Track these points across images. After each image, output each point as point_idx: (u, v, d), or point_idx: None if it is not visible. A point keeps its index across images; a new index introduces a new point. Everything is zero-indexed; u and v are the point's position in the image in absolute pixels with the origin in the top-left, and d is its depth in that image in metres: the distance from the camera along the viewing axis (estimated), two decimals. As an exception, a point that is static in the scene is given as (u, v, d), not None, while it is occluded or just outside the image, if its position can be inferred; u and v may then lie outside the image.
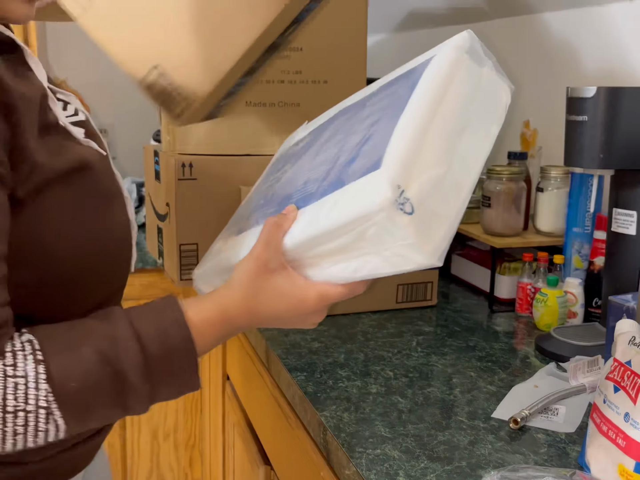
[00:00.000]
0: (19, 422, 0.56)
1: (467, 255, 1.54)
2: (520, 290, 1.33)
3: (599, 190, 1.30)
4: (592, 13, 1.46)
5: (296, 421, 1.06)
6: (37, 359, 0.57)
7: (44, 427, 0.57)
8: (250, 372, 1.35)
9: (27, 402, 0.56)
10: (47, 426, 0.57)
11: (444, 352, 1.14)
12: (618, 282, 1.12)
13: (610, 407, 0.71)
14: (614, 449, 0.70)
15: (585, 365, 1.03)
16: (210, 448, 1.78)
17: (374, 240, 0.63)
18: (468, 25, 1.92)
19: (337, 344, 1.17)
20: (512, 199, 1.35)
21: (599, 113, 1.05)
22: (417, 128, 0.65)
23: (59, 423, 0.58)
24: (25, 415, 0.56)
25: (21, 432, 0.56)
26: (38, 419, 0.57)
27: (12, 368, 0.56)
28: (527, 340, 1.21)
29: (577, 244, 1.32)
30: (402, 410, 0.93)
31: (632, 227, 1.10)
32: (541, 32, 1.62)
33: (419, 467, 0.79)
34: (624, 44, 1.37)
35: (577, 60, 1.51)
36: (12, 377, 0.55)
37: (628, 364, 0.71)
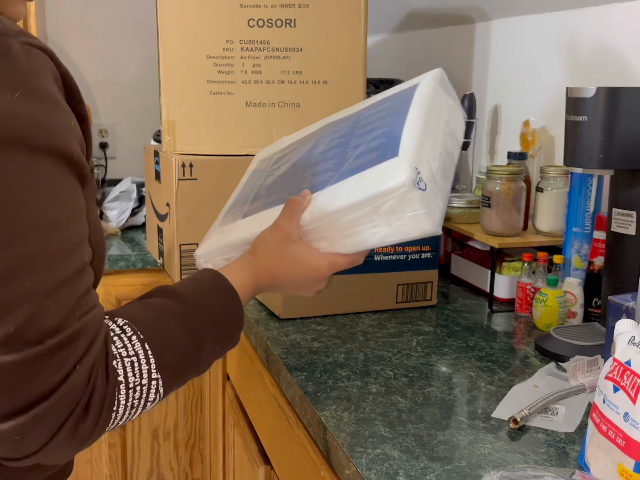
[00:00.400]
0: (136, 395, 0.62)
1: (466, 255, 1.54)
2: (519, 290, 1.34)
3: (599, 190, 1.31)
4: (591, 13, 1.46)
5: (296, 421, 1.06)
6: (140, 339, 0.63)
7: (154, 396, 0.64)
8: (250, 372, 1.35)
9: (142, 377, 0.62)
10: (155, 395, 0.64)
11: (443, 352, 1.15)
12: (618, 282, 1.12)
13: (610, 406, 0.71)
14: (613, 449, 0.70)
15: (585, 365, 1.03)
16: (210, 448, 1.78)
17: (387, 213, 0.77)
18: (468, 25, 1.93)
19: (337, 344, 1.17)
20: (511, 199, 1.36)
21: (598, 113, 1.05)
22: (420, 127, 0.82)
23: (161, 391, 0.65)
24: (141, 389, 0.63)
25: (136, 404, 0.63)
26: (150, 390, 0.63)
27: (124, 349, 0.62)
28: (526, 340, 1.22)
29: (577, 244, 1.32)
30: (402, 410, 0.93)
31: (632, 227, 1.10)
32: (541, 32, 1.62)
33: (419, 466, 0.79)
34: (624, 44, 1.37)
35: (577, 60, 1.51)
36: (127, 357, 0.62)
37: (628, 363, 0.71)
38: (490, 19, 1.82)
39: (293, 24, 1.52)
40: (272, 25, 1.51)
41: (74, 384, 0.57)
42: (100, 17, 2.37)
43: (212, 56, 1.50)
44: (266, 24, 1.51)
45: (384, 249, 1.33)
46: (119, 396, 0.61)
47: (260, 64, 1.52)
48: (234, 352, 1.49)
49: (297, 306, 1.28)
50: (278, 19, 1.51)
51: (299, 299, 1.27)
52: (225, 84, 1.52)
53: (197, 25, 1.49)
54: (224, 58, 1.51)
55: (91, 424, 0.59)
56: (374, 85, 1.96)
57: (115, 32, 2.40)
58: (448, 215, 1.50)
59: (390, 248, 1.34)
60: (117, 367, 0.61)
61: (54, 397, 0.56)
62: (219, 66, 1.51)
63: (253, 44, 1.51)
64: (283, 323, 1.27)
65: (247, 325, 1.32)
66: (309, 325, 1.26)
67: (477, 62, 1.90)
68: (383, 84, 1.98)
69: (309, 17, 1.52)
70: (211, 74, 1.51)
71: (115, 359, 0.61)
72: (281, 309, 1.28)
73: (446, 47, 2.08)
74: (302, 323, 1.27)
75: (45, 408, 0.56)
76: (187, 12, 1.48)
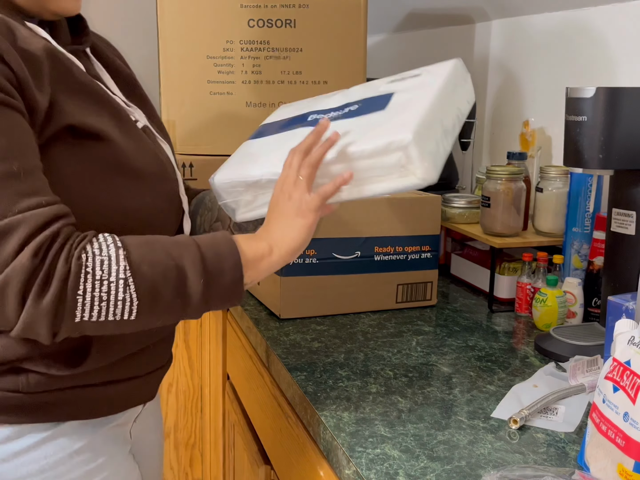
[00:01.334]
0: (104, 289, 0.70)
1: (466, 255, 1.55)
2: (519, 290, 1.34)
3: (598, 191, 1.31)
4: (591, 13, 1.46)
5: (296, 421, 1.06)
6: (117, 246, 0.72)
7: (122, 296, 0.71)
8: (250, 372, 1.35)
9: (110, 274, 0.70)
10: (124, 295, 0.71)
11: (443, 351, 1.15)
12: (617, 282, 1.12)
13: (610, 406, 0.71)
14: (613, 449, 0.70)
15: (585, 365, 1.03)
16: (210, 448, 1.78)
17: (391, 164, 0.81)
18: (468, 26, 1.93)
19: (337, 343, 1.17)
20: (511, 199, 1.36)
21: (598, 113, 1.05)
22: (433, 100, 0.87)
23: (133, 297, 0.71)
24: (109, 284, 0.70)
25: (105, 298, 0.70)
26: (118, 287, 0.70)
27: (98, 250, 0.71)
28: (526, 340, 1.22)
29: (577, 244, 1.32)
30: (401, 410, 0.93)
31: (632, 227, 1.10)
32: (541, 32, 1.62)
33: (419, 466, 0.79)
34: (624, 44, 1.37)
35: (577, 60, 1.51)
36: (99, 255, 0.70)
37: (627, 363, 0.71)
38: (490, 19, 1.83)
39: (293, 24, 1.52)
40: (272, 26, 1.51)
41: (21, 258, 0.67)
42: (100, 17, 2.37)
43: (212, 56, 1.50)
44: (266, 24, 1.51)
45: (384, 248, 1.33)
46: (85, 283, 0.69)
47: (260, 64, 1.52)
48: (234, 352, 1.49)
49: (297, 306, 1.28)
50: (278, 19, 1.51)
51: (299, 299, 1.27)
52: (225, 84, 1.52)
53: (197, 25, 1.49)
54: (224, 58, 1.51)
55: (54, 297, 0.68)
56: (374, 85, 1.96)
57: (115, 32, 2.39)
58: (448, 215, 1.50)
59: (390, 248, 1.34)
60: (86, 260, 0.70)
61: (6, 271, 0.67)
62: (219, 66, 1.51)
63: (253, 44, 1.51)
64: (283, 323, 1.27)
65: (247, 325, 1.32)
66: (309, 325, 1.26)
67: (477, 62, 1.90)
68: (383, 84, 1.98)
69: (309, 17, 1.53)
70: (211, 74, 1.51)
71: (86, 254, 0.70)
72: (281, 309, 1.28)
73: (446, 47, 2.08)
74: (302, 323, 1.27)
75: (1, 280, 0.66)
76: (187, 12, 1.48)
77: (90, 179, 0.77)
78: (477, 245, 1.53)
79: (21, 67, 0.71)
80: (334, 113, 0.92)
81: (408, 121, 0.81)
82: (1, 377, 0.78)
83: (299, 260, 1.27)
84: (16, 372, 0.78)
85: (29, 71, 0.72)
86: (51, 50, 0.76)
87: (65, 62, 0.77)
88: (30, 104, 0.72)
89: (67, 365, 0.79)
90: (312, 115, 0.95)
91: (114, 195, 0.79)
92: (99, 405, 0.84)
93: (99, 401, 0.84)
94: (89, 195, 0.77)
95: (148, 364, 0.90)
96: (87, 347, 0.80)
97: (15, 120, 0.70)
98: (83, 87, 0.78)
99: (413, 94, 0.88)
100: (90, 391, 0.82)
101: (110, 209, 0.79)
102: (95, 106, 0.79)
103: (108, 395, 0.85)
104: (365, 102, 0.91)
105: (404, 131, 0.80)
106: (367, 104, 0.90)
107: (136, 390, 0.89)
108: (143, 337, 0.86)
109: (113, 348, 0.82)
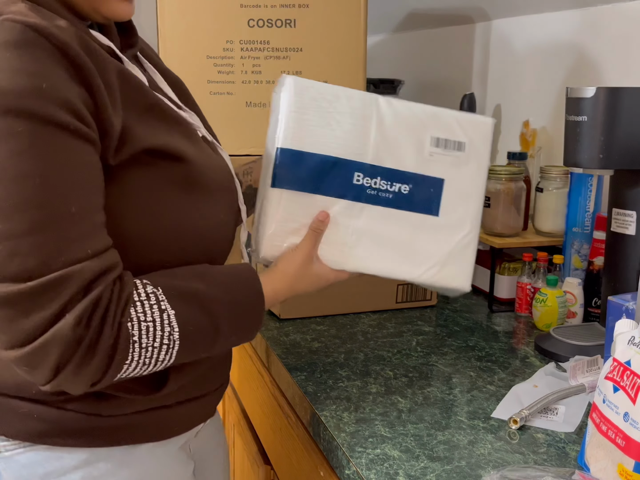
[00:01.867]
0: (148, 355, 0.70)
1: (466, 255, 1.54)
2: (519, 290, 1.34)
3: (599, 190, 1.31)
4: (592, 13, 1.46)
5: (296, 421, 1.06)
6: (161, 309, 0.71)
7: (163, 357, 0.72)
8: (250, 372, 1.35)
9: (154, 340, 0.70)
10: (165, 356, 0.72)
11: (443, 352, 1.15)
12: (617, 282, 1.12)
13: (610, 406, 0.71)
14: (613, 449, 0.70)
15: (585, 365, 1.03)
16: (210, 448, 1.78)
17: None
18: (468, 25, 1.93)
19: (337, 344, 1.17)
20: (511, 199, 1.36)
21: (598, 113, 1.05)
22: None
23: (173, 355, 0.73)
24: (153, 350, 0.71)
25: (147, 362, 0.71)
26: (161, 351, 0.71)
27: (143, 315, 0.70)
28: (526, 340, 1.22)
29: (577, 244, 1.32)
30: (401, 410, 0.93)
31: (632, 227, 1.10)
32: (541, 32, 1.62)
33: (419, 466, 0.79)
34: (624, 44, 1.37)
35: (577, 60, 1.51)
36: (144, 321, 0.70)
37: (627, 363, 0.71)
38: (490, 19, 1.83)
39: (293, 24, 1.52)
40: (272, 25, 1.51)
41: (63, 326, 0.64)
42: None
43: (212, 56, 1.50)
44: (266, 24, 1.51)
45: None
46: (133, 353, 0.69)
47: (260, 64, 1.52)
48: (234, 352, 1.49)
49: (297, 306, 1.28)
50: (278, 19, 1.51)
51: (299, 299, 1.27)
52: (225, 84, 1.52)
53: (197, 25, 1.49)
54: (224, 58, 1.51)
55: (99, 367, 0.67)
56: (374, 85, 1.96)
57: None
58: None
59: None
60: (132, 329, 0.69)
61: (45, 336, 0.64)
62: (219, 66, 1.51)
63: (253, 44, 1.51)
64: (283, 323, 1.27)
65: (247, 325, 1.32)
66: (309, 325, 1.26)
67: (477, 62, 1.90)
68: (383, 84, 1.98)
69: (309, 17, 1.52)
70: (211, 74, 1.51)
71: (132, 321, 0.69)
72: (281, 309, 1.28)
73: (446, 47, 2.08)
74: (302, 323, 1.27)
75: (38, 345, 0.64)
76: (186, 12, 1.48)
77: (162, 199, 0.75)
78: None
79: (100, 89, 0.69)
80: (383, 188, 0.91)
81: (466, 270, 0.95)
82: (82, 399, 0.76)
83: (299, 260, 1.27)
84: (97, 397, 0.77)
85: (107, 93, 0.70)
86: (121, 70, 0.74)
87: (132, 82, 0.75)
88: (105, 128, 0.70)
89: (149, 389, 0.79)
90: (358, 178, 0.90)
91: (182, 213, 0.77)
92: (170, 426, 0.85)
93: (170, 421, 0.84)
94: (157, 214, 0.75)
95: (214, 382, 0.91)
96: (166, 372, 0.79)
97: (84, 154, 0.68)
98: (151, 106, 0.76)
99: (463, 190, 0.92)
100: (163, 412, 0.82)
101: (177, 226, 0.77)
102: (165, 125, 0.77)
103: (178, 415, 0.85)
104: (416, 185, 0.91)
105: (463, 282, 0.96)
106: (418, 190, 0.91)
107: (203, 407, 0.90)
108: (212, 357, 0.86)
109: (187, 370, 0.82)
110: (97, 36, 0.76)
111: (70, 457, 0.77)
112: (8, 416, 0.76)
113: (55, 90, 0.65)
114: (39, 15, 0.67)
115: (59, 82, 0.66)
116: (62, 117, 0.65)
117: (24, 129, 0.63)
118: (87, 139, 0.68)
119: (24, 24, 0.65)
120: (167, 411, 0.83)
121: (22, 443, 0.77)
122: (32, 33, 0.65)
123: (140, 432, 0.81)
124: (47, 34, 0.65)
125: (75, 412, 0.77)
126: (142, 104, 0.75)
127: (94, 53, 0.70)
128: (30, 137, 0.64)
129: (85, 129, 0.67)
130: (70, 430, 0.77)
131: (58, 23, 0.68)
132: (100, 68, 0.70)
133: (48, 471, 0.77)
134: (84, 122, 0.67)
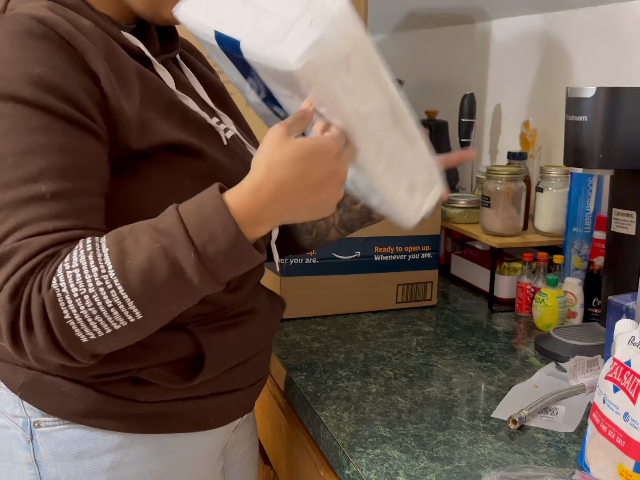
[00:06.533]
0: (88, 304, 0.63)
1: (466, 255, 1.54)
2: (519, 290, 1.34)
3: (599, 190, 1.31)
4: (592, 13, 1.46)
5: (296, 421, 1.06)
6: (86, 251, 0.65)
7: (110, 302, 0.64)
8: (250, 372, 1.35)
9: (86, 286, 0.63)
10: (113, 300, 0.64)
11: (443, 352, 1.15)
12: (617, 282, 1.12)
13: (610, 407, 0.71)
14: (613, 449, 0.70)
15: (585, 365, 1.03)
16: (210, 448, 1.78)
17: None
18: (468, 25, 1.93)
19: (337, 344, 1.17)
20: (511, 199, 1.36)
21: (598, 113, 1.05)
22: None
23: (125, 298, 0.64)
24: (90, 297, 0.63)
25: (95, 312, 0.64)
26: (101, 296, 0.63)
27: (68, 264, 0.64)
28: (526, 340, 1.22)
29: (577, 244, 1.32)
30: (402, 410, 0.93)
31: (632, 227, 1.10)
32: (541, 32, 1.62)
33: (419, 466, 0.79)
34: (624, 44, 1.37)
35: (577, 60, 1.51)
36: (69, 270, 0.64)
37: (627, 363, 0.71)
38: (490, 19, 1.83)
39: (293, 24, 1.52)
40: (272, 25, 1.51)
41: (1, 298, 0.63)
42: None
43: (212, 56, 1.50)
44: (266, 24, 1.51)
45: (384, 248, 1.33)
46: (67, 306, 0.63)
47: (260, 64, 1.52)
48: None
49: (297, 306, 1.28)
50: (278, 19, 1.51)
51: (299, 299, 1.27)
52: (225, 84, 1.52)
53: (197, 25, 1.49)
54: (224, 58, 1.51)
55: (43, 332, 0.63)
56: (374, 85, 1.95)
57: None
58: (448, 215, 1.50)
59: (390, 248, 1.34)
60: (58, 282, 0.63)
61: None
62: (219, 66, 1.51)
63: (253, 44, 1.51)
64: (283, 323, 1.27)
65: (247, 325, 1.32)
66: (309, 325, 1.26)
67: (477, 62, 1.90)
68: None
69: (309, 17, 1.52)
70: (211, 74, 1.51)
71: (56, 274, 0.64)
72: (281, 309, 1.28)
73: (446, 47, 2.08)
74: (302, 323, 1.27)
75: None
76: (187, 12, 1.48)
77: (183, 193, 0.71)
78: (477, 245, 1.53)
79: (108, 77, 0.69)
80: None
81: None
82: (120, 384, 0.77)
83: (299, 260, 1.27)
84: (134, 382, 0.77)
85: (118, 83, 0.70)
86: (141, 71, 0.75)
87: (151, 81, 0.76)
88: (116, 113, 0.70)
89: (183, 377, 0.79)
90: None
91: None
92: (204, 417, 0.84)
93: (204, 413, 0.84)
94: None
95: (250, 377, 0.89)
96: (201, 360, 0.79)
97: (72, 138, 0.68)
98: (170, 105, 0.78)
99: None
100: (198, 403, 0.82)
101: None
102: (182, 123, 0.78)
103: (214, 407, 0.84)
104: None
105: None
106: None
107: (238, 402, 0.89)
108: (247, 348, 0.86)
109: (222, 360, 0.82)
110: (128, 37, 0.78)
111: (104, 439, 0.78)
112: (49, 393, 0.77)
113: (49, 77, 0.66)
114: (55, 12, 0.69)
115: (56, 69, 0.67)
116: (50, 101, 0.66)
117: (9, 112, 0.66)
118: (81, 124, 0.68)
119: (31, 16, 0.67)
120: (201, 402, 0.82)
121: (60, 420, 0.78)
122: (37, 24, 0.67)
123: (173, 420, 0.81)
124: (52, 24, 0.67)
125: (112, 395, 0.77)
126: (162, 103, 0.77)
127: (112, 51, 0.72)
128: (13, 119, 0.66)
129: (78, 115, 0.68)
130: (107, 413, 0.77)
131: (82, 23, 0.71)
132: (113, 60, 0.71)
133: (82, 450, 0.78)
134: (79, 108, 0.68)
